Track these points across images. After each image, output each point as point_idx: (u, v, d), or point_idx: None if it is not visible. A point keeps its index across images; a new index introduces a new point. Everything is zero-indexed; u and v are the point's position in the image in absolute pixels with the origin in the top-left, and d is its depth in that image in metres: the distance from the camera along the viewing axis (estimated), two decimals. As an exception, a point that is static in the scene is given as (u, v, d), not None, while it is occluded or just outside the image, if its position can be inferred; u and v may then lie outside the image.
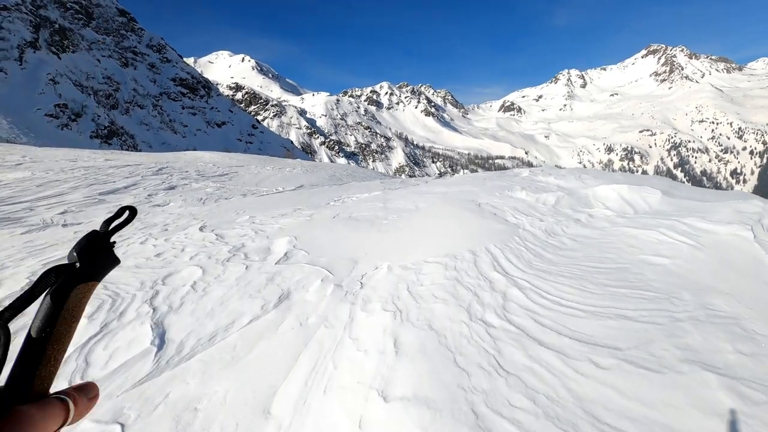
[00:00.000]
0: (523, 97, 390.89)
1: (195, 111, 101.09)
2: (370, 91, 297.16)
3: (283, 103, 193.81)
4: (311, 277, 2.93)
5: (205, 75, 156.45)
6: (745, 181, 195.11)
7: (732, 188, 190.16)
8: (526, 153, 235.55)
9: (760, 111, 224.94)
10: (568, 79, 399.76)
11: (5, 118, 51.22)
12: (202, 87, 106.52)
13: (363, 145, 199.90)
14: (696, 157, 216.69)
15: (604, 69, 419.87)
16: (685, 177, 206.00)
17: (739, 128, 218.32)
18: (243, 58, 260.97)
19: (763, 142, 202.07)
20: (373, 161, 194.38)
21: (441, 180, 8.71)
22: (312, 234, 4.17)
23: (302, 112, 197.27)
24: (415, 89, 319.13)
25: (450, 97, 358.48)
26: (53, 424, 0.38)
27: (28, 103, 60.88)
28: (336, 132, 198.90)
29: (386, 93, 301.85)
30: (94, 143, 67.16)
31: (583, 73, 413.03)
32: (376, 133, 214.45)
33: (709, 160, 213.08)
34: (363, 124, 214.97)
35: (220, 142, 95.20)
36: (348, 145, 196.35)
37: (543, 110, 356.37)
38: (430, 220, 4.22)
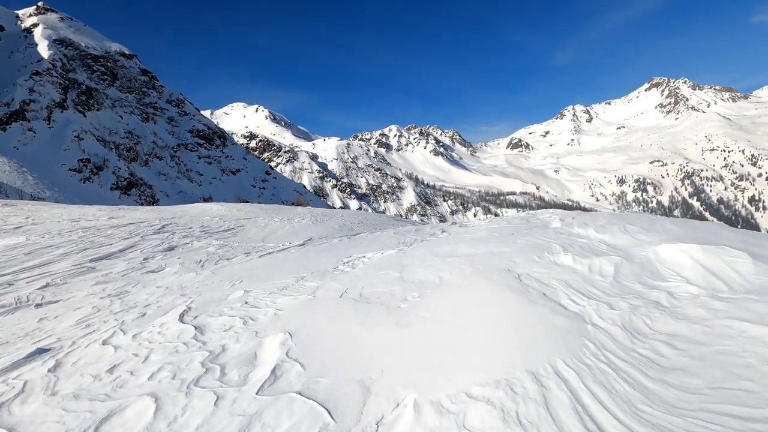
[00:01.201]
0: (530, 133, 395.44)
1: (211, 160, 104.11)
2: (380, 134, 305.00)
3: (296, 149, 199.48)
4: (303, 425, 2.02)
5: (221, 125, 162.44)
6: (765, 208, 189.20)
7: (752, 216, 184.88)
8: (537, 188, 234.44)
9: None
10: (574, 115, 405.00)
11: (32, 174, 53.05)
12: (217, 137, 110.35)
13: (374, 187, 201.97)
14: (711, 186, 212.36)
15: (609, 103, 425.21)
16: (701, 206, 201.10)
17: (752, 155, 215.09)
18: (257, 109, 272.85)
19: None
20: (384, 202, 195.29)
21: (461, 232, 7.84)
22: (313, 327, 3.29)
23: (314, 157, 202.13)
24: (423, 130, 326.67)
25: (458, 137, 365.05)
26: None
27: (54, 159, 63.51)
28: (347, 175, 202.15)
29: (395, 135, 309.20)
30: (114, 195, 69.33)
31: (588, 108, 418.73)
32: (387, 174, 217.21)
33: (725, 188, 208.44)
34: (373, 166, 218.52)
35: (235, 189, 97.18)
36: (359, 187, 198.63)
37: (551, 145, 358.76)
38: (463, 305, 3.31)
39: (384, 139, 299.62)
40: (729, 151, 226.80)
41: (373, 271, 4.93)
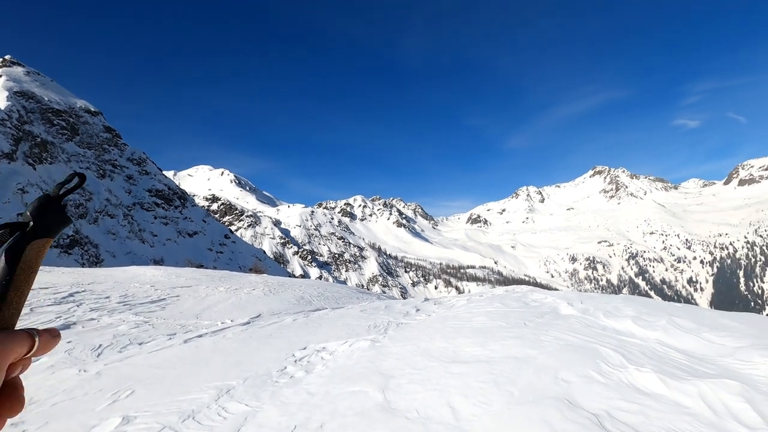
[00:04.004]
0: (488, 210, 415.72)
1: (167, 221, 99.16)
2: (345, 203, 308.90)
3: (258, 214, 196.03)
4: None
5: (184, 187, 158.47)
6: (702, 289, 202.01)
7: (692, 296, 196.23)
8: (496, 263, 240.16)
9: (700, 224, 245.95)
10: (528, 195, 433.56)
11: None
12: (177, 198, 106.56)
13: (336, 255, 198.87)
14: (653, 267, 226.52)
15: (559, 186, 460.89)
16: (647, 285, 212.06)
17: (686, 239, 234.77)
18: (222, 172, 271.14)
19: (710, 252, 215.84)
20: (346, 271, 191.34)
21: (446, 314, 6.57)
22: None
23: (277, 223, 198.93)
24: (387, 202, 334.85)
25: (420, 210, 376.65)
26: (19, 348, 0.42)
27: (-11, 212, 58.11)
28: (310, 242, 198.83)
29: (360, 205, 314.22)
30: (52, 253, 63.39)
31: (540, 189, 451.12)
32: (350, 243, 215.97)
33: (666, 269, 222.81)
34: (337, 234, 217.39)
35: (190, 252, 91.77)
36: (321, 255, 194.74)
37: (507, 222, 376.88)
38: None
39: (348, 209, 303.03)
40: (666, 235, 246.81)
41: (339, 387, 3.37)
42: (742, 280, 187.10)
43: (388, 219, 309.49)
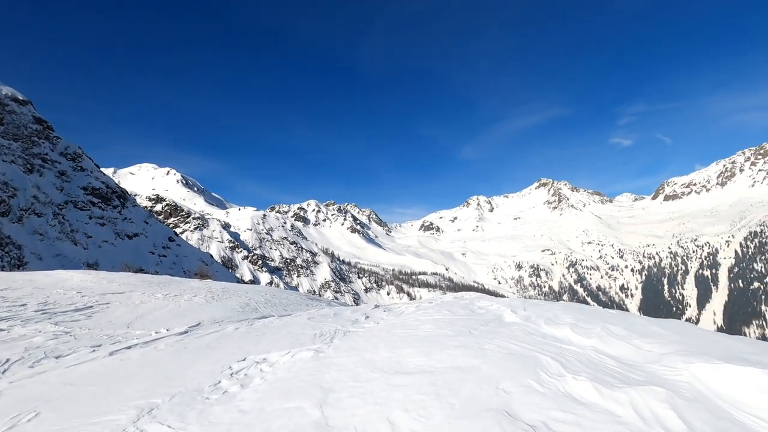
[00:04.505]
0: (441, 218, 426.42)
1: (104, 221, 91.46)
2: (298, 208, 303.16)
3: (207, 217, 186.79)
4: None
5: (124, 185, 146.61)
6: (632, 295, 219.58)
7: (623, 301, 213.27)
8: (447, 269, 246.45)
9: (631, 235, 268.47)
10: (478, 204, 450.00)
11: None
12: (117, 197, 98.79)
13: (288, 260, 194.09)
14: (590, 274, 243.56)
15: (507, 196, 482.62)
16: (584, 291, 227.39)
17: (619, 249, 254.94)
18: (168, 171, 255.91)
19: (639, 261, 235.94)
20: (298, 276, 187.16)
21: (394, 322, 6.54)
22: None
23: (226, 226, 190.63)
24: (341, 207, 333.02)
25: (374, 216, 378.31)
26: None
27: None
28: (261, 246, 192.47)
29: (314, 210, 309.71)
30: (-39, 255, 56.30)
31: (489, 199, 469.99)
32: (302, 248, 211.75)
33: (601, 277, 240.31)
34: (289, 239, 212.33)
35: (129, 255, 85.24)
36: (272, 260, 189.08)
37: (459, 230, 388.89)
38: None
39: (302, 213, 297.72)
40: (602, 245, 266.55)
41: (275, 403, 3.18)
42: (666, 287, 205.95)
43: (342, 224, 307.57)
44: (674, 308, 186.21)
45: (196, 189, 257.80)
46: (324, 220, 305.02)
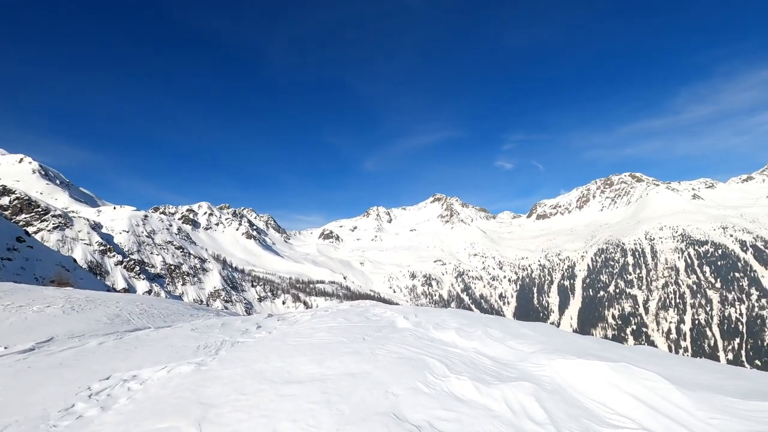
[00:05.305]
0: (341, 227, 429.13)
1: None
2: (187, 210, 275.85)
3: (71, 215, 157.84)
4: None
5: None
6: (508, 303, 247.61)
7: (501, 308, 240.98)
8: (345, 278, 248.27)
9: (509, 249, 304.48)
10: (377, 215, 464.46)
11: None
12: (-61, 185, 77.64)
13: (172, 267, 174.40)
14: (475, 284, 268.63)
15: (404, 209, 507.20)
16: (469, 299, 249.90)
17: (500, 261, 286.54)
18: (21, 159, 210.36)
19: (515, 272, 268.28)
20: (183, 284, 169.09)
21: (288, 331, 6.41)
22: None
23: (97, 226, 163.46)
24: (237, 212, 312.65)
25: (273, 222, 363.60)
26: None
27: None
28: (140, 251, 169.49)
29: (205, 213, 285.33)
30: None
31: (389, 210, 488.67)
32: (190, 253, 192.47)
33: (484, 286, 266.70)
34: (175, 243, 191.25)
35: (-45, 258, 67.33)
36: (153, 266, 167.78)
37: (358, 239, 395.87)
38: None
39: (192, 216, 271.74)
40: (486, 257, 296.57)
41: (143, 424, 2.76)
42: (535, 295, 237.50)
43: (237, 229, 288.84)
44: (541, 313, 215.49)
45: (59, 182, 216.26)
46: (217, 224, 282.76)
